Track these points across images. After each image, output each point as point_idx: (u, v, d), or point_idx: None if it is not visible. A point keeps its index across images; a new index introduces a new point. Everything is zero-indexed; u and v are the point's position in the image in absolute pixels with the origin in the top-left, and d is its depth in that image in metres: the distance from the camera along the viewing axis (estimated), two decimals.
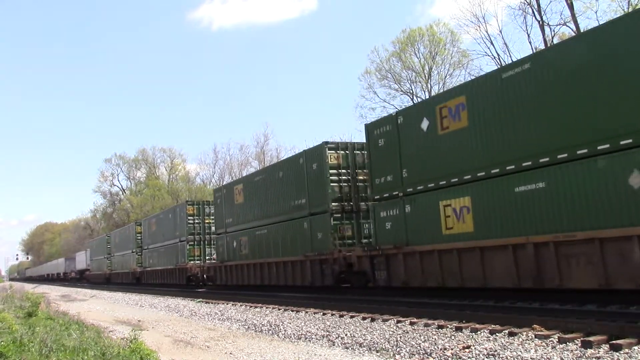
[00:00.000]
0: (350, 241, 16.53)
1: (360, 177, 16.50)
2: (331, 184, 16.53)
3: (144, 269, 35.10)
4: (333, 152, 16.80)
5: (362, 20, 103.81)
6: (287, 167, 19.01)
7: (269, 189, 20.01)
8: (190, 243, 27.61)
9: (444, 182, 12.04)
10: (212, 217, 26.76)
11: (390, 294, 14.40)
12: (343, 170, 16.84)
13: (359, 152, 16.61)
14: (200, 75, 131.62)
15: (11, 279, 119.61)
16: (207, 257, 27.70)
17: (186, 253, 27.49)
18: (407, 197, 13.10)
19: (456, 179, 11.70)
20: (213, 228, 26.11)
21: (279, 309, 14.06)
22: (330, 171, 16.56)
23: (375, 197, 14.30)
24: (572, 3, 25.27)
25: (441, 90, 35.43)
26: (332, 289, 17.15)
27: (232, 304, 16.97)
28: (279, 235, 19.06)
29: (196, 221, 28.02)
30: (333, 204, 16.43)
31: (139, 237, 36.91)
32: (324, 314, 12.15)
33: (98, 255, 50.38)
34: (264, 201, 20.27)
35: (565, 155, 9.45)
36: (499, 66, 28.74)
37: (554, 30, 26.64)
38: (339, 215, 16.47)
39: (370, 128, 14.65)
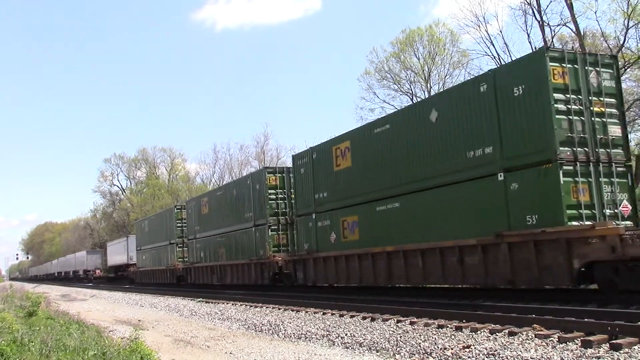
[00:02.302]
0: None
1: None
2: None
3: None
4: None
5: (366, 21, 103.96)
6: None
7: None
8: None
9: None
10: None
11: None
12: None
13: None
14: (200, 75, 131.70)
15: (12, 279, 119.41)
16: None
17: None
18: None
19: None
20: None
21: (279, 309, 14.06)
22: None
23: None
24: (571, 3, 25.22)
25: (441, 90, 35.45)
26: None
27: (232, 304, 16.98)
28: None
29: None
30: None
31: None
32: (324, 314, 12.15)
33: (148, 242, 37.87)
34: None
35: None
36: (498, 66, 28.71)
37: (554, 31, 26.60)
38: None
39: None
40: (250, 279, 21.71)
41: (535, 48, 27.41)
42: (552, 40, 25.67)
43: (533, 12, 27.18)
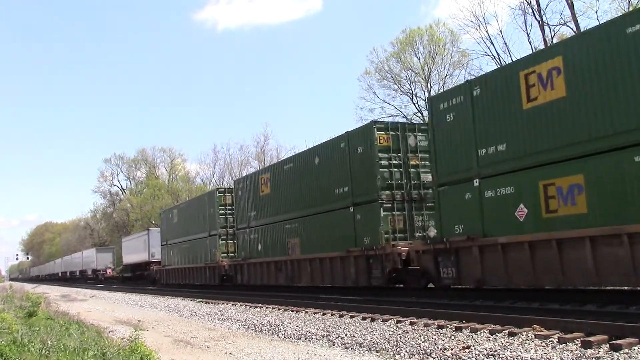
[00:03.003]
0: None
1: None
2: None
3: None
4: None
5: (367, 21, 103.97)
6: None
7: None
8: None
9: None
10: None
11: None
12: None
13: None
14: (200, 75, 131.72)
15: (12, 279, 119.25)
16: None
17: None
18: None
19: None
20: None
21: (279, 309, 14.06)
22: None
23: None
24: (572, 3, 25.27)
25: (441, 90, 35.54)
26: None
27: (232, 304, 16.98)
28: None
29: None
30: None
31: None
32: (323, 314, 12.15)
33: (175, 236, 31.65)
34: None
35: None
36: (499, 65, 28.76)
37: (554, 30, 26.63)
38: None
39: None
40: (347, 279, 15.68)
41: (535, 48, 27.54)
42: (552, 40, 25.67)
43: (533, 11, 27.27)
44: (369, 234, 14.80)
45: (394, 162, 14.88)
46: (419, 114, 36.89)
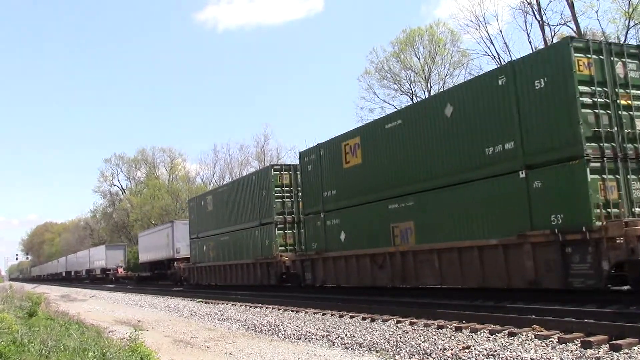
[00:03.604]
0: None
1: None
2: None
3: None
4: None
5: (368, 22, 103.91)
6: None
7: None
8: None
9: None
10: None
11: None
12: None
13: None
14: (201, 75, 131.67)
15: (12, 279, 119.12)
16: None
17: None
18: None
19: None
20: None
21: (279, 309, 14.06)
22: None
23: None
24: (572, 3, 25.27)
25: (441, 90, 35.46)
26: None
27: (232, 304, 16.98)
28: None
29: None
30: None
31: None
32: (323, 314, 12.14)
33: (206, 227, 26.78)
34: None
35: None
36: (498, 66, 28.69)
37: (554, 30, 26.62)
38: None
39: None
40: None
41: (535, 48, 27.53)
42: (552, 40, 25.66)
43: (533, 11, 27.27)
44: (563, 209, 9.88)
45: (599, 99, 10.07)
46: None
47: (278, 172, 20.48)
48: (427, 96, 36.26)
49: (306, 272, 17.58)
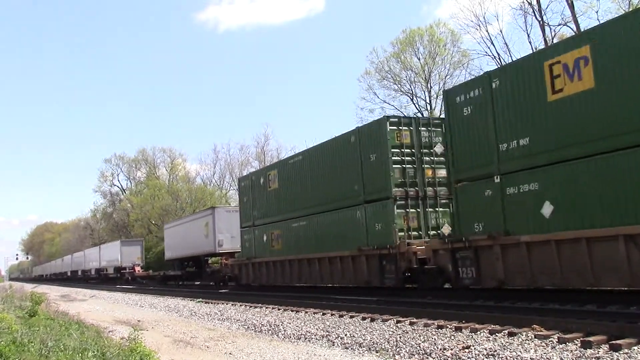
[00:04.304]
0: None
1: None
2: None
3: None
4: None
5: (368, 22, 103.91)
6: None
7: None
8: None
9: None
10: None
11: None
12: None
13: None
14: (201, 75, 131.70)
15: (13, 279, 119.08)
16: None
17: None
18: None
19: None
20: None
21: (279, 309, 14.06)
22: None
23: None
24: (572, 3, 25.28)
25: (441, 91, 35.49)
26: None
27: (232, 304, 16.98)
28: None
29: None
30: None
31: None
32: (323, 314, 12.15)
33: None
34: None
35: None
36: (498, 65, 28.77)
37: (554, 30, 26.62)
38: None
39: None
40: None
41: (535, 48, 27.55)
42: (553, 40, 25.67)
43: (533, 12, 27.28)
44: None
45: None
46: (420, 114, 36.89)
47: (395, 128, 14.72)
48: (426, 96, 36.32)
49: (463, 268, 11.93)
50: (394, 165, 14.39)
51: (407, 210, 14.37)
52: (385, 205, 14.41)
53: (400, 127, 14.69)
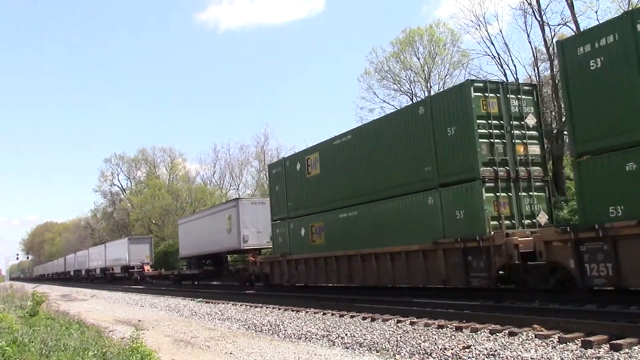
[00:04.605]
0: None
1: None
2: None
3: None
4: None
5: (369, 22, 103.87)
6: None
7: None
8: None
9: None
10: None
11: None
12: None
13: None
14: (201, 75, 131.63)
15: (13, 279, 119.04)
16: None
17: None
18: None
19: None
20: None
21: (279, 309, 14.06)
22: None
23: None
24: (572, 3, 25.23)
25: (440, 90, 35.49)
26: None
27: (232, 304, 16.98)
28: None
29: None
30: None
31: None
32: (324, 314, 12.15)
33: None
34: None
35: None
36: (499, 65, 28.81)
37: (554, 31, 26.56)
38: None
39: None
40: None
41: (535, 48, 27.56)
42: (552, 40, 25.66)
43: (533, 12, 27.22)
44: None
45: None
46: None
47: (480, 94, 12.25)
48: (426, 95, 36.19)
49: (591, 264, 9.49)
50: (480, 140, 11.84)
51: (498, 194, 11.87)
52: (470, 188, 11.84)
53: (487, 94, 12.22)
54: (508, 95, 12.48)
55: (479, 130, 11.86)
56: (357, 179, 15.48)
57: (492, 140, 12.01)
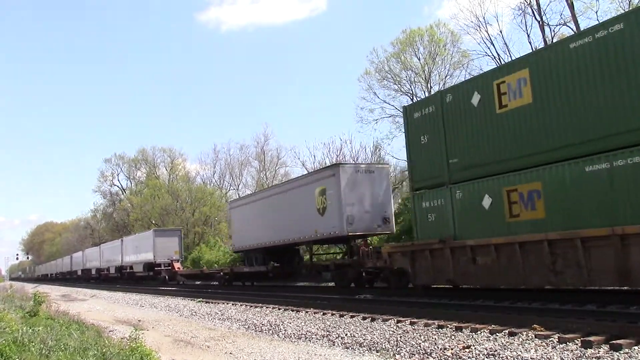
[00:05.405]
0: None
1: None
2: None
3: None
4: None
5: (370, 22, 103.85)
6: None
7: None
8: None
9: None
10: None
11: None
12: None
13: None
14: (201, 75, 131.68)
15: (14, 279, 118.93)
16: None
17: None
18: None
19: None
20: None
21: (279, 309, 14.06)
22: None
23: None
24: (572, 3, 25.26)
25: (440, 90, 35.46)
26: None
27: (232, 304, 16.98)
28: None
29: None
30: None
31: None
32: (324, 314, 12.15)
33: None
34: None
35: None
36: (499, 65, 28.73)
37: (554, 31, 26.57)
38: None
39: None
40: None
41: (535, 48, 27.52)
42: (552, 40, 25.67)
43: (533, 12, 27.26)
44: None
45: None
46: None
47: None
48: (426, 96, 36.17)
49: None
50: None
51: None
52: None
53: None
54: None
55: None
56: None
57: None
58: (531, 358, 6.55)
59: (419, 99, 17.24)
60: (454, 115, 12.78)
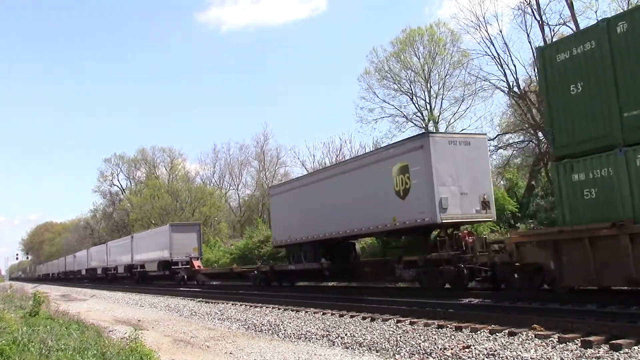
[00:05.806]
0: None
1: None
2: None
3: None
4: None
5: (370, 22, 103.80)
6: None
7: None
8: None
9: None
10: None
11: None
12: None
13: None
14: (201, 75, 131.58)
15: (14, 279, 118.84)
16: None
17: None
18: None
19: None
20: None
21: (279, 309, 14.06)
22: None
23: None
24: (572, 3, 25.25)
25: (440, 90, 35.48)
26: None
27: (232, 304, 16.97)
28: None
29: None
30: None
31: None
32: (323, 314, 12.15)
33: None
34: None
35: None
36: (499, 65, 28.73)
37: (553, 30, 26.55)
38: None
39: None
40: None
41: (535, 48, 27.51)
42: (552, 40, 25.66)
43: (532, 11, 27.25)
44: None
45: None
46: (419, 114, 36.86)
47: None
48: (426, 95, 36.25)
49: None
50: None
51: None
52: None
53: None
54: None
55: None
56: None
57: None
58: (531, 358, 6.55)
59: (563, 37, 12.53)
60: (631, 50, 9.25)
